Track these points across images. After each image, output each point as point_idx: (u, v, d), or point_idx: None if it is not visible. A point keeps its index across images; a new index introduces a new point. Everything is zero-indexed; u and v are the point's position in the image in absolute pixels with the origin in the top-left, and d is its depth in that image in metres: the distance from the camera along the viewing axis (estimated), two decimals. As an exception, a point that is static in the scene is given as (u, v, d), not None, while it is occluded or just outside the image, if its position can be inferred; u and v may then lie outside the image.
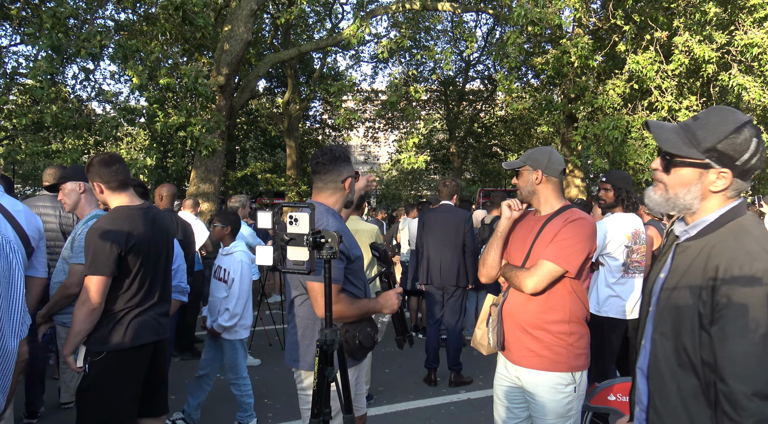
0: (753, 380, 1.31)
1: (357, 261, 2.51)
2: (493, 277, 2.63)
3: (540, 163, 2.51)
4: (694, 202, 1.54)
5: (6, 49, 12.02)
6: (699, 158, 1.51)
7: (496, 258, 2.59)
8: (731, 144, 1.46)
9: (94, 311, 2.62)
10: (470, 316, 7.17)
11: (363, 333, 2.43)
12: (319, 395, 2.15)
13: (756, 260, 1.38)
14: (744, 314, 1.34)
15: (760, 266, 1.36)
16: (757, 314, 1.32)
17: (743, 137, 1.46)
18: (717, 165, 1.49)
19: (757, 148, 1.46)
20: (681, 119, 10.45)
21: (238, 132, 23.21)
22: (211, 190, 10.55)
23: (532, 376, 2.42)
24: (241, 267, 4.05)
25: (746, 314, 1.33)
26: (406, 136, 15.76)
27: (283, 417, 4.52)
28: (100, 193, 2.83)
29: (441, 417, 4.57)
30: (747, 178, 1.51)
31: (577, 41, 10.16)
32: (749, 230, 1.47)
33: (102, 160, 2.81)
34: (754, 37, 9.56)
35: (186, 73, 7.93)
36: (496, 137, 24.75)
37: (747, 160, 1.46)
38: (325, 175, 2.50)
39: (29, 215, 2.85)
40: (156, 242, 2.85)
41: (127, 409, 2.76)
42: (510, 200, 2.58)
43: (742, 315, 1.34)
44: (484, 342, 2.71)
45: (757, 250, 1.41)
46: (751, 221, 1.50)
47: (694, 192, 1.53)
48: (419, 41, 17.71)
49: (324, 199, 2.51)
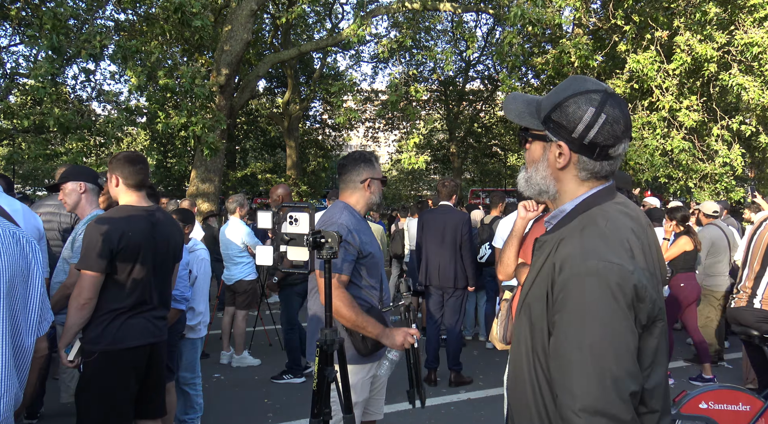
0: (580, 394, 1.12)
1: (369, 257, 2.54)
2: (510, 274, 2.68)
3: None
4: (549, 184, 1.36)
5: (5, 49, 12.03)
6: (540, 130, 1.34)
7: (513, 256, 2.64)
8: (563, 113, 1.29)
9: (84, 305, 2.62)
10: (470, 316, 7.18)
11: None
12: (319, 395, 2.15)
13: (589, 259, 1.17)
14: (572, 321, 1.16)
15: (592, 266, 1.16)
16: (585, 321, 1.14)
17: (576, 105, 1.27)
18: (554, 137, 1.31)
19: (595, 120, 1.25)
20: (681, 119, 10.46)
21: (238, 132, 23.20)
22: (211, 190, 10.55)
23: None
24: (204, 265, 4.06)
25: (574, 321, 1.16)
26: (406, 137, 15.76)
27: (283, 417, 4.52)
28: (115, 186, 2.85)
29: (441, 417, 4.57)
30: (599, 157, 1.28)
31: (577, 41, 10.16)
32: (597, 222, 1.26)
33: (128, 157, 2.86)
34: (754, 36, 9.56)
35: (183, 73, 7.92)
36: (496, 137, 24.74)
37: (583, 132, 1.27)
38: (345, 176, 2.65)
39: (28, 214, 2.84)
40: (155, 245, 2.83)
41: (123, 410, 2.76)
42: (526, 201, 2.62)
43: (571, 322, 1.16)
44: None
45: (593, 246, 1.20)
46: (609, 210, 1.29)
47: (542, 170, 1.36)
48: (419, 41, 17.71)
49: (345, 198, 2.64)
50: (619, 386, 1.11)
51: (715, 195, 10.73)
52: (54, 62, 7.46)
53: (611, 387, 1.10)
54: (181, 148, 9.13)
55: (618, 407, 1.10)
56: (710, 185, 10.86)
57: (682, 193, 11.33)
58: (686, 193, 11.60)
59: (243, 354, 5.95)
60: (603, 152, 1.28)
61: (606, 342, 1.12)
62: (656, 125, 10.83)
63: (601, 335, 1.13)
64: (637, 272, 1.18)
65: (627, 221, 1.28)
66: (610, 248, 1.20)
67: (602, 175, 1.32)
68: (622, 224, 1.27)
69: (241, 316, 5.93)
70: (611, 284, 1.14)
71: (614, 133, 1.27)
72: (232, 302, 6.03)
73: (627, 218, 1.29)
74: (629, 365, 1.13)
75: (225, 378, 5.49)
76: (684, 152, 10.47)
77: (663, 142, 10.65)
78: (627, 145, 1.31)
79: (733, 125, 10.53)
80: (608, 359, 1.12)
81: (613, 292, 1.14)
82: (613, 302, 1.14)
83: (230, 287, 5.97)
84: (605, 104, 1.27)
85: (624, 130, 1.28)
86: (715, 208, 6.49)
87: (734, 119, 10.78)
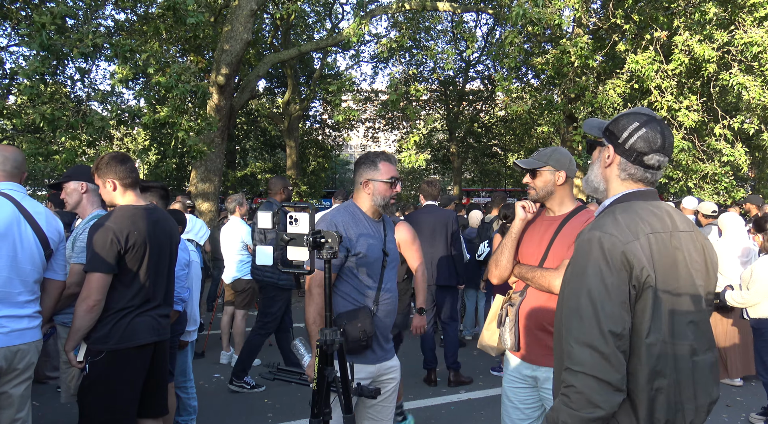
0: (573, 329, 1.50)
1: (361, 256, 2.53)
2: (505, 278, 2.60)
3: (563, 164, 2.50)
4: (599, 181, 1.75)
5: (5, 49, 12.02)
6: (600, 137, 1.76)
7: (511, 259, 2.56)
8: (617, 124, 1.69)
9: (93, 307, 2.62)
10: (470, 316, 7.18)
11: (350, 326, 2.46)
12: (319, 395, 2.15)
13: (593, 230, 1.56)
14: (573, 273, 1.57)
15: (594, 234, 1.54)
16: (581, 274, 1.53)
17: (627, 120, 1.67)
18: (606, 142, 1.72)
19: (637, 131, 1.63)
20: (681, 119, 10.47)
21: (238, 132, 23.21)
22: (211, 190, 10.55)
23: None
24: (194, 267, 4.03)
25: (574, 273, 1.56)
26: (406, 136, 15.77)
27: (283, 417, 4.52)
28: (113, 190, 2.84)
29: (441, 417, 4.57)
30: (635, 162, 1.64)
31: (577, 41, 10.15)
32: (615, 211, 1.61)
33: (116, 157, 2.84)
34: (754, 36, 9.55)
35: (169, 71, 7.86)
36: (496, 137, 24.75)
37: (626, 138, 1.64)
38: (354, 176, 2.75)
39: (50, 217, 2.86)
40: (158, 243, 2.85)
41: (127, 409, 2.76)
42: (524, 201, 2.57)
43: (573, 274, 1.57)
44: (493, 343, 2.68)
45: (601, 224, 1.57)
46: (634, 206, 1.61)
47: (595, 169, 1.76)
48: (419, 41, 17.72)
49: (353, 198, 2.73)
50: (601, 324, 1.46)
51: (715, 195, 10.73)
52: (45, 61, 7.40)
53: (595, 325, 1.46)
54: (171, 149, 8.99)
55: (599, 341, 1.45)
56: (710, 185, 10.85)
57: (683, 193, 11.32)
58: (686, 193, 11.60)
59: (243, 354, 5.94)
60: (639, 158, 1.64)
61: (594, 290, 1.48)
62: (656, 125, 10.80)
63: (590, 284, 1.49)
64: (630, 244, 1.50)
65: (647, 216, 1.58)
66: (614, 226, 1.54)
67: (638, 178, 1.67)
68: (638, 217, 1.57)
69: (240, 315, 5.93)
70: (604, 247, 1.50)
71: (650, 145, 1.62)
72: (231, 302, 6.04)
73: (651, 216, 1.59)
74: (611, 309, 1.46)
75: (225, 378, 5.48)
76: (684, 152, 10.47)
77: (663, 142, 10.62)
78: (663, 160, 1.65)
79: (734, 125, 10.53)
80: (595, 303, 1.47)
81: (604, 253, 1.50)
82: (603, 261, 1.50)
83: (228, 285, 5.97)
84: (648, 124, 1.64)
85: (660, 146, 1.63)
86: (713, 208, 6.44)
87: (735, 119, 10.78)
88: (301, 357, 2.60)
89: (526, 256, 2.54)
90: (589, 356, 1.45)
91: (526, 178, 2.55)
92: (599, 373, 1.44)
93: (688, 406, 1.55)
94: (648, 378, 1.50)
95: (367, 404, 2.63)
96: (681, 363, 1.54)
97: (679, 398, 1.54)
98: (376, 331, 2.57)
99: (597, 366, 1.44)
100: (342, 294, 2.55)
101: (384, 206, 2.64)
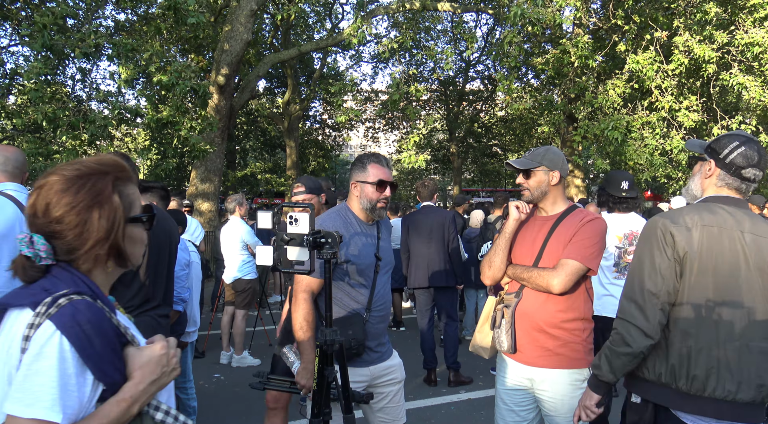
0: (627, 287, 1.93)
1: (347, 264, 2.46)
2: (498, 279, 2.56)
3: (556, 163, 2.47)
4: (698, 191, 2.03)
5: (5, 49, 12.02)
6: (702, 153, 2.03)
7: (504, 259, 2.52)
8: (718, 142, 1.96)
9: None
10: (470, 316, 7.18)
11: (341, 334, 2.39)
12: (319, 395, 2.15)
13: (661, 214, 1.94)
14: (638, 246, 1.97)
15: (655, 218, 1.92)
16: (640, 246, 1.94)
17: (728, 139, 1.94)
18: (708, 158, 1.99)
19: (736, 148, 1.90)
20: (680, 119, 10.49)
21: (238, 132, 23.21)
22: (211, 190, 10.56)
23: (550, 375, 2.38)
24: (195, 268, 4.02)
25: (638, 246, 1.97)
26: (406, 137, 15.78)
27: (283, 417, 4.51)
28: None
29: (441, 417, 4.57)
30: (734, 174, 1.92)
31: (577, 41, 10.15)
32: (690, 206, 1.96)
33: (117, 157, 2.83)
34: (754, 36, 9.56)
35: (170, 70, 7.86)
36: (496, 137, 24.77)
37: (727, 154, 1.92)
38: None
39: None
40: (158, 243, 2.84)
41: None
42: (518, 202, 2.53)
43: (637, 247, 1.97)
44: (486, 345, 2.64)
45: (670, 212, 1.94)
46: (710, 205, 1.92)
47: (696, 180, 2.04)
48: (419, 41, 17.74)
49: (347, 201, 2.64)
50: (642, 284, 1.88)
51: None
52: (47, 62, 7.41)
53: (637, 284, 1.89)
54: (171, 149, 8.98)
55: (639, 296, 1.88)
56: (710, 185, 10.85)
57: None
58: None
59: (243, 354, 5.94)
60: (737, 171, 1.92)
61: (645, 259, 1.90)
62: (656, 125, 10.83)
63: (643, 254, 1.91)
64: (679, 228, 1.85)
65: (714, 213, 1.87)
66: (676, 214, 1.91)
67: (733, 187, 1.94)
68: (706, 211, 1.88)
69: (240, 315, 5.93)
70: (658, 228, 1.89)
71: (747, 160, 1.90)
72: (231, 302, 6.04)
73: (719, 213, 1.88)
74: (651, 273, 1.87)
75: (225, 378, 5.49)
76: (683, 152, 10.47)
77: (662, 142, 10.65)
78: (759, 174, 1.93)
79: (732, 125, 10.53)
80: (642, 268, 1.89)
81: (656, 232, 1.89)
82: (655, 237, 1.89)
83: (229, 285, 5.97)
84: (746, 143, 1.91)
85: (757, 161, 1.90)
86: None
87: (734, 119, 10.78)
88: (291, 364, 2.56)
89: (520, 256, 2.52)
90: (630, 307, 1.88)
91: (519, 178, 2.51)
92: (635, 320, 1.86)
93: (728, 376, 1.80)
94: (680, 337, 1.85)
95: (374, 409, 2.58)
96: (723, 338, 1.82)
97: (717, 366, 1.80)
98: (368, 337, 2.49)
99: (634, 315, 1.87)
100: (334, 300, 2.42)
101: (371, 210, 2.52)
